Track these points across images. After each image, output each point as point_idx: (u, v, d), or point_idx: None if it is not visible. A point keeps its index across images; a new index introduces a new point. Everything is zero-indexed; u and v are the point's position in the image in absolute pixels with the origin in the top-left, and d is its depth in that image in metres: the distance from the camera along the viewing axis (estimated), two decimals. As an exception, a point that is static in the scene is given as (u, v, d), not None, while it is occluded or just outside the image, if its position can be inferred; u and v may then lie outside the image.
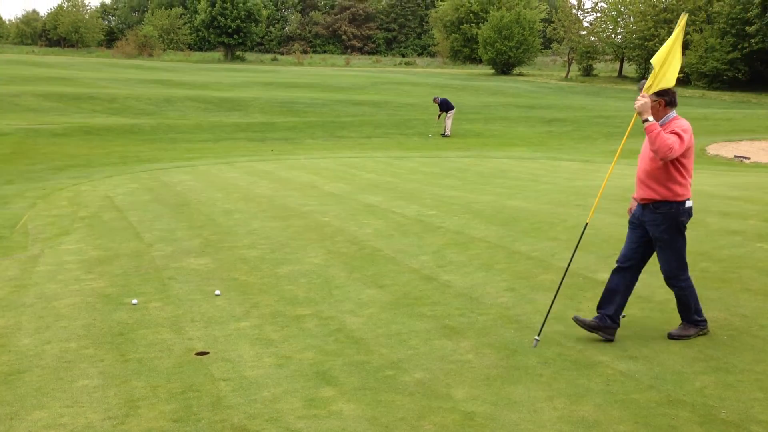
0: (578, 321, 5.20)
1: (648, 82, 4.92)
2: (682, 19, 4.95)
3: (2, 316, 6.18)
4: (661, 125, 4.92)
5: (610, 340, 5.12)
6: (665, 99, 4.92)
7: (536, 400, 4.30)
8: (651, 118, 4.79)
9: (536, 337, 5.15)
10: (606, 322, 5.15)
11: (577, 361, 4.86)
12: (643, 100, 4.84)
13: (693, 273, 6.55)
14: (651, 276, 6.58)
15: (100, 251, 8.58)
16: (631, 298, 6.01)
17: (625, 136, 5.25)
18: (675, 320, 5.48)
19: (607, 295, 5.20)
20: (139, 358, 5.14)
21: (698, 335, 5.12)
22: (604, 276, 6.65)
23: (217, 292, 6.63)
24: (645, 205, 5.05)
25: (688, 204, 4.98)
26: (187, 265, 7.77)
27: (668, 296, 6.02)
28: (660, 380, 4.48)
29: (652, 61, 4.92)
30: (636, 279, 5.25)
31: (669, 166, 4.89)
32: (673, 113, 4.98)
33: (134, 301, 6.48)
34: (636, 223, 5.16)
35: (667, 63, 4.86)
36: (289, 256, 7.99)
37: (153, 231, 9.59)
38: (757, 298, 5.89)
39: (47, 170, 16.94)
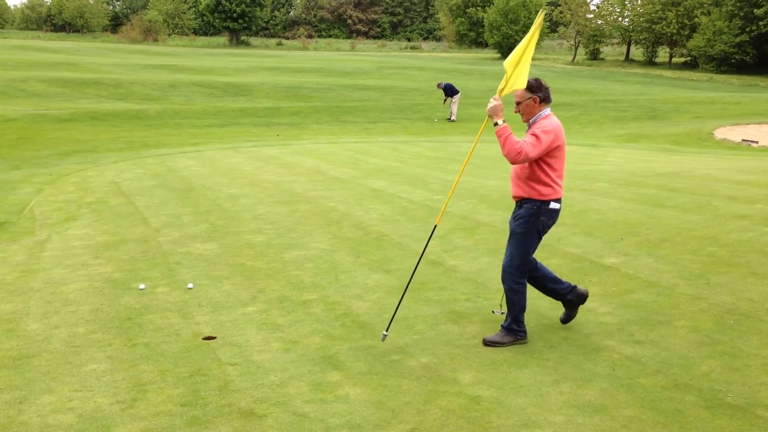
0: (564, 320, 5.22)
1: (501, 85, 4.84)
2: (539, 17, 4.82)
3: (10, 301, 6.21)
4: (532, 122, 4.84)
5: (586, 295, 5.15)
6: (539, 96, 4.80)
7: (542, 384, 4.31)
8: (501, 122, 4.70)
9: (384, 332, 5.09)
10: (572, 303, 5.13)
11: (583, 345, 4.86)
12: (494, 102, 4.70)
13: (700, 257, 6.55)
14: (657, 260, 6.58)
15: (107, 236, 8.61)
16: (637, 283, 6.03)
17: (478, 137, 5.22)
18: (683, 305, 5.47)
19: (548, 292, 5.19)
20: (147, 343, 5.17)
21: (512, 344, 4.93)
22: (611, 261, 6.66)
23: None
24: (516, 202, 4.99)
25: (553, 205, 4.83)
26: (194, 250, 7.79)
27: (675, 281, 6.01)
28: (666, 364, 4.48)
29: (505, 63, 4.82)
30: (540, 266, 5.15)
31: (534, 166, 4.77)
32: (547, 110, 4.85)
33: (141, 286, 6.51)
34: None
35: (521, 64, 4.78)
36: (296, 241, 8.00)
37: (159, 216, 9.61)
38: (764, 282, 5.87)
39: (54, 156, 16.97)
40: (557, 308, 5.57)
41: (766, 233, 7.34)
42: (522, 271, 4.94)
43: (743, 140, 19.85)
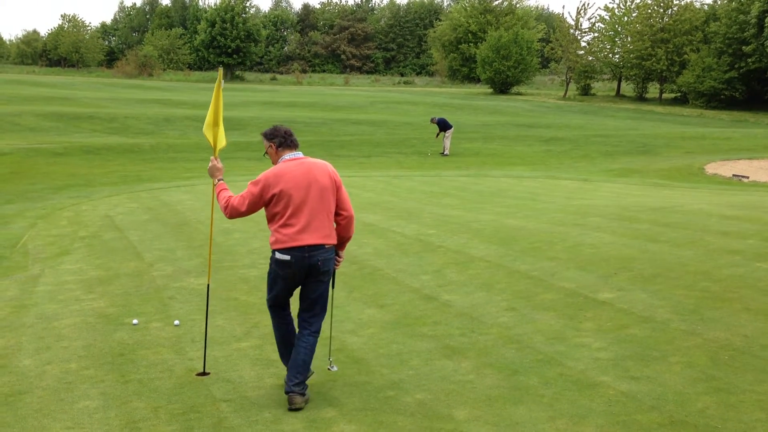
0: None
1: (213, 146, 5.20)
2: (219, 74, 5.25)
3: (2, 337, 6.17)
4: None
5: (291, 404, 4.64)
6: (275, 142, 4.84)
7: (538, 421, 4.30)
8: (216, 181, 4.98)
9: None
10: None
11: (579, 381, 4.85)
12: (210, 164, 5.05)
13: (693, 292, 6.57)
14: (651, 296, 6.59)
15: (100, 271, 8.58)
16: (631, 318, 6.03)
17: (213, 197, 5.30)
18: (677, 340, 5.48)
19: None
20: (140, 379, 5.13)
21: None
22: (605, 296, 6.67)
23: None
24: None
25: (279, 256, 4.68)
26: (188, 285, 7.77)
27: (669, 316, 6.03)
28: (662, 401, 4.47)
29: (204, 131, 5.23)
30: (298, 340, 4.84)
31: (266, 214, 4.79)
32: (288, 155, 4.81)
33: (135, 321, 6.48)
34: None
35: (218, 123, 5.15)
36: (290, 276, 7.97)
37: (153, 251, 9.59)
38: (758, 318, 5.89)
39: (47, 190, 16.95)
40: (552, 344, 5.57)
41: (758, 269, 7.37)
42: (270, 306, 4.92)
43: (734, 175, 20.03)
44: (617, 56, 60.03)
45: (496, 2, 76.93)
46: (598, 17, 62.07)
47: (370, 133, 32.35)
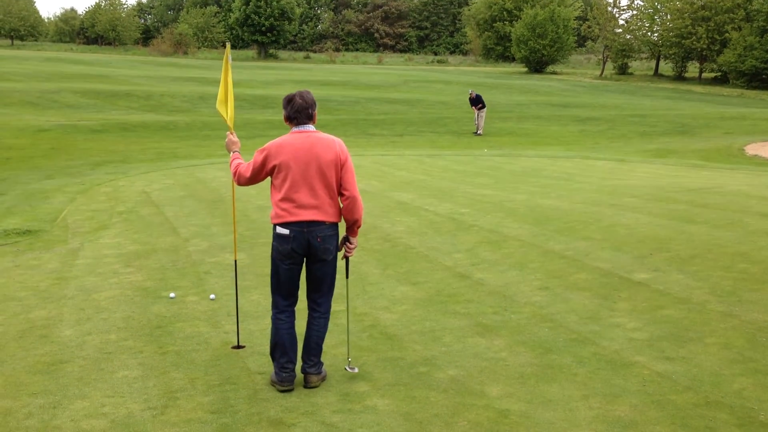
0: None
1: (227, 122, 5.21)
2: (227, 51, 5.28)
3: (44, 308, 6.33)
4: None
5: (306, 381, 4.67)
6: (284, 114, 4.67)
7: (571, 399, 4.29)
8: (231, 153, 4.98)
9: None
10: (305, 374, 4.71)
11: (613, 360, 4.83)
12: (228, 138, 5.07)
13: (731, 274, 6.48)
14: (687, 277, 6.52)
15: (137, 245, 8.73)
16: (667, 299, 5.97)
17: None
18: (714, 321, 5.41)
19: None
20: (177, 351, 5.23)
21: (275, 385, 4.56)
22: (641, 276, 6.61)
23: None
24: None
25: (279, 230, 4.49)
26: (223, 260, 7.88)
27: (706, 298, 5.95)
28: (697, 381, 4.43)
29: (217, 107, 5.30)
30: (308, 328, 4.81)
31: (270, 186, 4.64)
32: (296, 128, 4.64)
33: (172, 294, 6.59)
34: None
35: (229, 100, 5.20)
36: (323, 253, 8.03)
37: (189, 226, 9.73)
38: (798, 300, 5.79)
39: (85, 166, 17.26)
40: (586, 323, 5.55)
41: (799, 251, 7.23)
42: (274, 301, 4.70)
43: (775, 156, 19.58)
44: (656, 35, 58.86)
45: (533, -21, 75.79)
46: (637, -6, 60.74)
47: (404, 112, 32.25)
